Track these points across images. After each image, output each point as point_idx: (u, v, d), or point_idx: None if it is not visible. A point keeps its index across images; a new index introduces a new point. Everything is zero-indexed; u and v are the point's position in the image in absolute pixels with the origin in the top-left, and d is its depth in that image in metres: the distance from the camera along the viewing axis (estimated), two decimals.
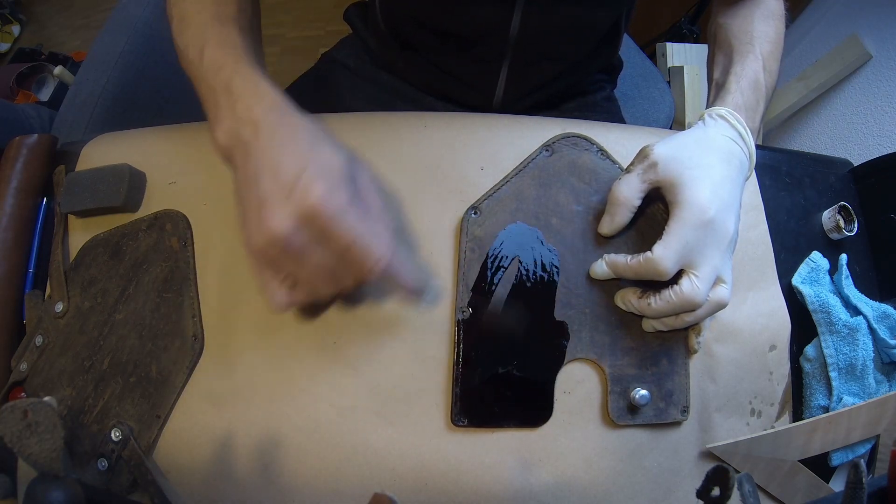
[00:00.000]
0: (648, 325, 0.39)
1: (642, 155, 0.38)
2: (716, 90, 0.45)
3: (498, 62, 0.53)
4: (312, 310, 0.39)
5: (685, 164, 0.36)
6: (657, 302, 0.36)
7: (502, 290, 0.39)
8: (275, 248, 0.30)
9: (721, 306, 0.37)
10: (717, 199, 0.36)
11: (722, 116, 0.40)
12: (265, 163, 0.30)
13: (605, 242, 0.41)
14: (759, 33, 0.46)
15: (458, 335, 0.38)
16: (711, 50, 0.50)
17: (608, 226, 0.40)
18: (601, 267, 0.39)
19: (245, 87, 0.33)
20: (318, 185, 0.29)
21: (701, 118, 0.41)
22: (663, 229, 0.36)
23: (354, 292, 0.38)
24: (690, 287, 0.35)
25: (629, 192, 0.38)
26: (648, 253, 0.35)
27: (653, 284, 0.37)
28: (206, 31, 0.37)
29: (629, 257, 0.37)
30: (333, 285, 0.32)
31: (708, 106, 0.43)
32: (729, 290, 0.37)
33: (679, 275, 0.36)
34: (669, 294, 0.35)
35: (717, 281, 0.36)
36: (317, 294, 0.33)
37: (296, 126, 0.32)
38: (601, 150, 0.43)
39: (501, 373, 0.37)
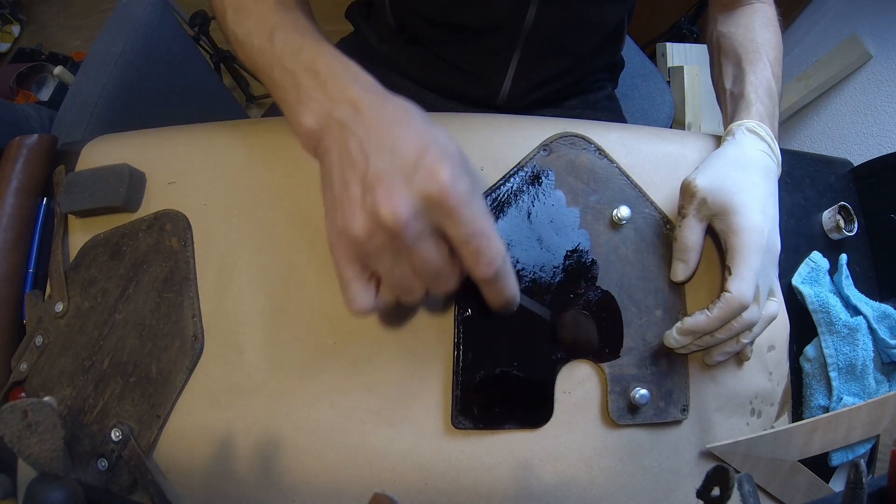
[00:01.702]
0: (712, 360, 0.38)
1: (689, 194, 0.38)
2: (733, 101, 0.45)
3: (508, 54, 0.53)
4: (395, 315, 0.36)
5: (731, 191, 0.37)
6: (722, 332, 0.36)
7: None
8: (382, 234, 0.26)
9: (773, 320, 0.37)
10: (768, 218, 0.36)
11: (752, 130, 0.41)
12: (378, 141, 0.28)
13: (604, 242, 0.41)
14: (764, 41, 0.47)
15: (458, 336, 0.38)
16: (716, 59, 0.51)
17: (683, 273, 0.39)
18: (678, 340, 0.37)
19: (334, 68, 0.32)
20: (445, 167, 0.26)
21: (729, 133, 0.42)
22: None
23: (438, 296, 0.33)
24: (757, 310, 0.35)
25: (695, 236, 0.38)
26: (727, 294, 0.35)
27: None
28: (271, 17, 0.36)
29: (706, 312, 0.35)
30: (434, 284, 0.29)
31: (730, 118, 0.44)
32: (778, 304, 0.37)
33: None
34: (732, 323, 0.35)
35: (769, 295, 0.37)
36: (410, 295, 0.29)
37: (402, 106, 0.30)
38: (599, 150, 0.43)
39: (501, 374, 0.37)
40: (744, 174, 0.38)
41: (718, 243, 0.41)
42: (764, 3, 0.51)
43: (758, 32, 0.48)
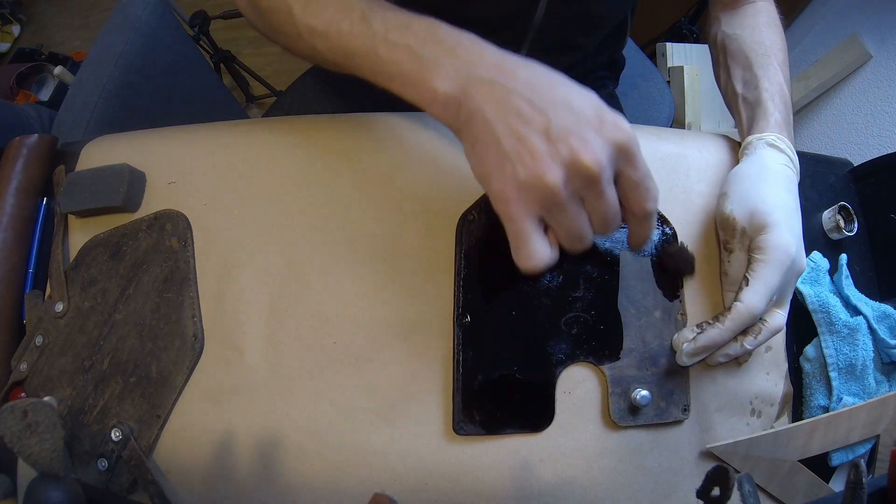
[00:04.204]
0: (714, 360, 0.38)
1: (731, 228, 0.39)
2: (748, 108, 0.45)
3: (515, 50, 0.53)
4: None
5: (763, 211, 0.37)
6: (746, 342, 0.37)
7: (501, 295, 0.39)
8: (579, 182, 0.28)
9: (778, 331, 0.38)
10: (795, 235, 0.37)
11: (772, 144, 0.41)
12: (548, 98, 0.29)
13: (602, 243, 0.41)
14: (771, 42, 0.47)
15: (458, 341, 0.38)
16: (722, 61, 0.50)
17: (751, 307, 0.39)
18: (692, 359, 0.36)
19: (457, 36, 0.32)
20: (624, 119, 0.29)
21: (749, 146, 0.42)
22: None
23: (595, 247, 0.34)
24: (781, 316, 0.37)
25: (743, 268, 0.38)
26: (738, 304, 0.35)
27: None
28: (352, 2, 0.35)
29: (719, 326, 0.35)
30: (609, 227, 0.31)
31: (746, 126, 0.44)
32: (784, 316, 0.38)
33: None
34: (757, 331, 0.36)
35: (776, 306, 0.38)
36: (583, 243, 0.31)
37: (544, 67, 0.31)
38: None
39: (502, 378, 0.37)
40: (770, 192, 0.38)
41: (719, 244, 0.41)
42: (766, 0, 0.51)
43: (764, 34, 0.47)
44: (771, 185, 0.38)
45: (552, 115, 0.28)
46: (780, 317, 0.38)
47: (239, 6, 0.42)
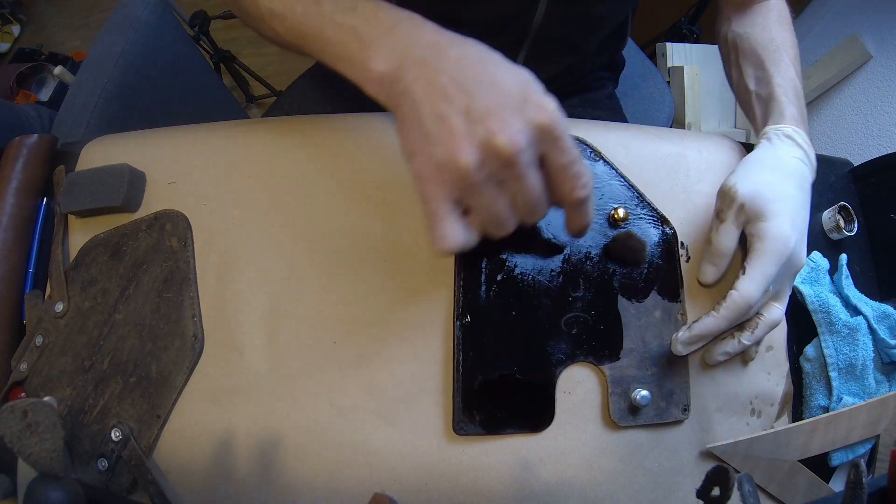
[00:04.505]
0: (712, 359, 0.38)
1: (728, 198, 0.38)
2: (762, 104, 0.45)
3: (515, 51, 0.53)
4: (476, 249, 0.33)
5: (768, 199, 0.37)
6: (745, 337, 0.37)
7: (501, 295, 0.39)
8: (494, 164, 0.27)
9: (776, 325, 0.38)
10: (797, 230, 0.36)
11: (789, 136, 0.40)
12: (474, 77, 0.28)
13: (602, 243, 0.41)
14: (783, 40, 0.46)
15: (458, 341, 0.38)
16: (734, 60, 0.50)
17: (713, 276, 0.39)
18: (687, 347, 0.37)
19: (397, 16, 0.32)
20: (550, 100, 0.28)
21: (764, 136, 0.42)
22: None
23: (522, 229, 0.33)
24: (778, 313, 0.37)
25: (730, 241, 0.38)
26: (733, 293, 0.35)
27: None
28: None
29: (714, 315, 0.35)
30: (531, 214, 0.30)
31: (761, 121, 0.44)
32: (782, 310, 0.38)
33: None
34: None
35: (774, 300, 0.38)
36: (502, 229, 0.30)
37: (480, 45, 0.30)
38: (595, 152, 0.43)
39: (502, 378, 0.37)
40: (780, 182, 0.38)
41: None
42: None
43: (775, 31, 0.47)
44: (781, 176, 0.38)
45: (475, 95, 0.28)
46: (777, 311, 0.37)
47: None
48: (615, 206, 0.41)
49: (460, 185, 0.28)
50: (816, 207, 0.48)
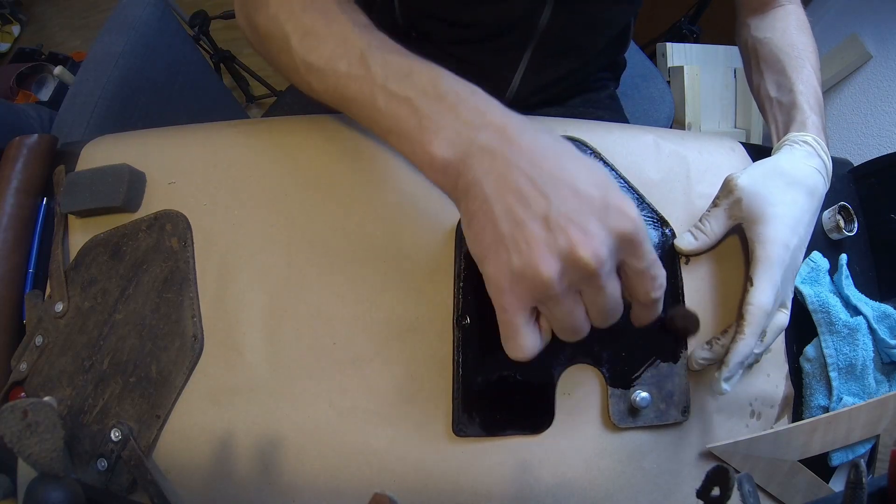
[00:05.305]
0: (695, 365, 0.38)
1: (727, 189, 0.38)
2: (783, 111, 0.44)
3: (519, 53, 0.53)
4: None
5: (768, 201, 0.36)
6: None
7: None
8: (575, 276, 0.26)
9: (782, 331, 0.38)
10: (796, 235, 0.36)
11: (809, 145, 0.40)
12: (550, 176, 0.26)
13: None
14: (803, 46, 0.46)
15: (457, 342, 0.38)
16: (755, 66, 0.50)
17: (688, 245, 0.39)
18: (731, 383, 0.35)
19: (460, 91, 0.29)
20: (631, 204, 0.26)
21: (786, 142, 0.41)
22: None
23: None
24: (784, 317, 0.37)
25: (716, 227, 0.38)
26: (751, 307, 0.34)
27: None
28: (353, 39, 0.33)
29: (741, 337, 0.34)
30: (608, 320, 0.29)
31: (782, 128, 0.44)
32: (787, 316, 0.38)
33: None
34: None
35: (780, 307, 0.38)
36: (577, 335, 0.29)
37: (550, 132, 0.28)
38: (594, 153, 0.43)
39: (502, 380, 0.37)
40: (787, 188, 0.37)
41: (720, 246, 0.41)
42: (793, 3, 0.50)
43: (795, 37, 0.47)
44: (790, 182, 0.38)
45: (553, 198, 0.26)
46: (783, 316, 0.38)
47: (239, 24, 0.41)
48: None
49: (539, 296, 0.27)
50: None
